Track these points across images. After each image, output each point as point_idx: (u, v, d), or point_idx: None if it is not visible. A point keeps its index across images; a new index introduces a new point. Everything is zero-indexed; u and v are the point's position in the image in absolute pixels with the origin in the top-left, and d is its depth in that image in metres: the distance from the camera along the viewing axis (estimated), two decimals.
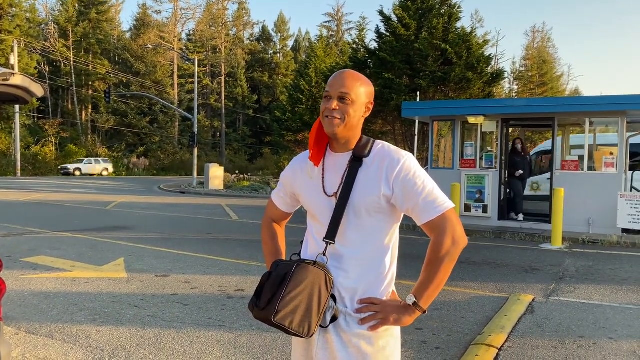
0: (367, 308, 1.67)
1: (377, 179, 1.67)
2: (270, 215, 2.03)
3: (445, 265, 1.66)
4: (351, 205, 1.68)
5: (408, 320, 1.67)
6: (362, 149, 1.72)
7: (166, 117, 54.42)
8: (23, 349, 3.93)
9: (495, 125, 11.68)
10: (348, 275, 1.70)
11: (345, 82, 1.68)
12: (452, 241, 1.65)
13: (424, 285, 1.66)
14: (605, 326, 4.70)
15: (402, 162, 1.67)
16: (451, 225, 1.65)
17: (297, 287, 1.62)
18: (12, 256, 7.49)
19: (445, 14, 24.06)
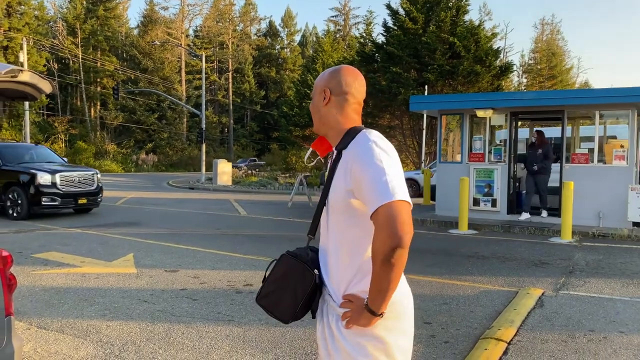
0: (345, 304, 1.64)
1: (343, 172, 1.60)
2: None
3: (382, 270, 1.45)
4: (329, 201, 1.67)
5: (362, 321, 1.58)
6: (344, 141, 1.66)
7: (174, 113, 54.57)
8: (34, 343, 3.97)
9: (504, 119, 11.60)
10: (332, 271, 1.70)
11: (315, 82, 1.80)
12: (386, 240, 1.42)
13: (370, 288, 1.53)
14: (616, 320, 4.67)
15: (361, 149, 1.55)
16: (389, 220, 1.42)
17: (277, 277, 1.74)
18: (24, 252, 7.56)
19: (453, 6, 23.89)
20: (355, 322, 1.60)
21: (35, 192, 11.39)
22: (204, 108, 31.38)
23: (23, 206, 11.47)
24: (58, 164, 12.97)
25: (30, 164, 12.38)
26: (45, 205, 11.52)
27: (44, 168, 11.92)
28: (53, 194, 11.59)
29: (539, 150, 10.89)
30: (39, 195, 11.42)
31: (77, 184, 12.20)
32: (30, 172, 11.62)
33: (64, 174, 11.93)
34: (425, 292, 5.54)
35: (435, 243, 7.90)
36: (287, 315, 1.74)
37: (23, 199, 11.47)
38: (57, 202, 11.67)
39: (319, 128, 1.79)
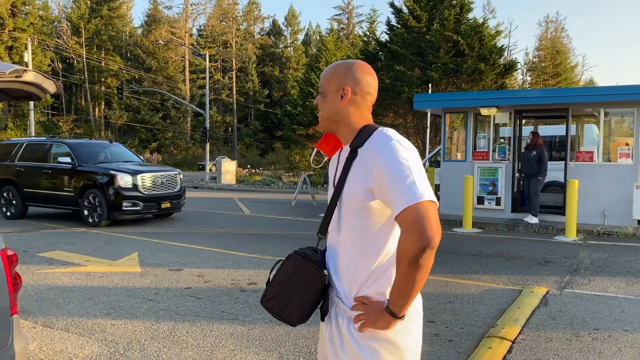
0: (358, 306, 1.59)
1: (362, 171, 1.56)
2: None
3: (409, 271, 1.42)
4: (342, 200, 1.62)
5: (382, 324, 1.54)
6: (359, 139, 1.63)
7: (178, 112, 54.69)
8: (40, 342, 3.99)
9: (508, 117, 11.57)
10: (343, 272, 1.64)
11: (321, 77, 1.71)
12: (412, 241, 1.40)
13: (394, 289, 1.50)
14: (621, 318, 4.65)
15: (383, 148, 1.52)
16: (418, 221, 1.39)
17: (285, 278, 1.69)
18: (29, 251, 7.59)
19: (457, 5, 23.82)
20: (372, 324, 1.55)
21: (115, 195, 10.19)
22: (208, 107, 31.42)
23: (102, 212, 10.30)
24: (137, 163, 11.82)
25: (108, 164, 11.12)
26: (126, 211, 10.33)
27: (124, 168, 10.66)
28: (135, 197, 10.38)
29: (533, 152, 10.56)
30: (119, 199, 10.22)
31: (160, 186, 10.99)
32: (109, 173, 10.37)
33: (145, 175, 10.71)
34: (429, 291, 5.53)
35: (440, 241, 7.89)
36: (295, 318, 1.68)
37: (102, 204, 10.27)
38: (139, 206, 10.44)
39: (329, 125, 1.70)
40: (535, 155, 10.50)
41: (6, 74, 2.23)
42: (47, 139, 11.99)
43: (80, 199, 10.56)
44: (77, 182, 10.65)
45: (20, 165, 11.59)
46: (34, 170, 11.34)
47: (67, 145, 11.22)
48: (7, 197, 11.65)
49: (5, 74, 2.23)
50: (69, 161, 10.78)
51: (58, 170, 10.97)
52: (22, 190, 11.44)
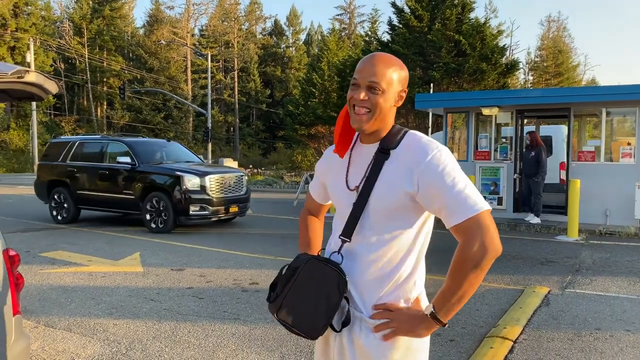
0: (380, 314, 1.52)
1: (402, 174, 1.50)
2: (307, 206, 1.96)
3: (471, 276, 1.42)
4: (371, 202, 1.53)
5: (423, 332, 1.49)
6: (391, 139, 1.56)
7: (180, 112, 54.73)
8: (42, 341, 4.01)
9: (509, 117, 11.56)
10: (363, 278, 1.55)
11: (376, 70, 1.50)
12: (479, 247, 1.41)
13: (444, 295, 1.46)
14: (623, 318, 4.65)
15: (432, 155, 1.47)
16: (482, 229, 1.42)
17: (303, 285, 1.54)
18: (31, 251, 7.61)
19: (459, 4, 23.80)
20: (408, 332, 1.49)
21: (182, 199, 9.34)
22: (210, 107, 31.46)
23: (168, 217, 9.45)
24: (197, 163, 10.97)
25: (171, 164, 10.24)
26: (194, 215, 9.48)
27: (190, 169, 9.81)
28: (203, 200, 9.51)
29: (532, 153, 10.42)
30: (186, 203, 9.36)
31: (227, 188, 10.07)
32: (174, 174, 9.48)
33: (213, 177, 9.80)
34: (430, 291, 5.51)
35: (441, 241, 7.88)
36: (318, 330, 1.53)
37: (168, 208, 9.42)
38: (207, 211, 9.56)
39: (378, 125, 1.56)
40: (534, 156, 10.40)
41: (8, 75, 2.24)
42: (102, 137, 11.15)
43: (141, 203, 9.72)
44: (139, 184, 9.78)
45: (73, 166, 10.75)
46: (88, 171, 10.55)
47: (126, 144, 10.38)
48: (58, 199, 10.87)
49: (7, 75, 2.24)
50: (129, 161, 9.90)
51: (116, 171, 10.13)
52: (74, 193, 10.63)
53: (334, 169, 1.70)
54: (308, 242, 1.88)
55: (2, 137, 41.80)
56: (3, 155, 40.79)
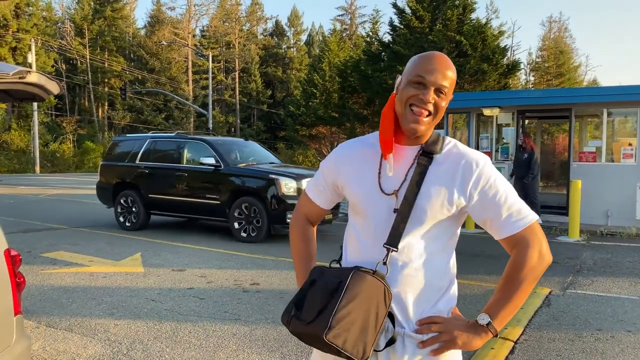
0: (429, 328, 1.44)
1: (449, 182, 1.44)
2: (304, 211, 1.75)
3: (527, 284, 1.42)
4: (416, 208, 1.44)
5: (479, 343, 1.42)
6: (434, 144, 1.49)
7: (181, 113, 54.77)
8: (43, 342, 4.01)
9: (511, 117, 11.56)
10: (406, 289, 1.46)
11: (447, 73, 1.43)
12: (538, 257, 1.42)
13: (500, 304, 1.42)
14: (624, 319, 4.64)
15: (482, 166, 1.45)
16: (537, 239, 1.43)
17: (353, 300, 1.35)
18: (32, 251, 7.62)
19: (460, 5, 23.80)
20: (464, 345, 1.42)
21: (277, 204, 8.37)
22: (211, 108, 31.48)
23: (261, 224, 8.50)
24: (282, 164, 10.07)
25: (261, 165, 9.32)
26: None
27: (283, 171, 8.85)
28: None
29: (525, 154, 10.31)
30: (282, 209, 8.34)
31: None
32: (268, 177, 8.53)
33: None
34: None
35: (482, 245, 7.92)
36: (368, 350, 1.37)
37: (262, 215, 8.46)
38: None
39: (428, 129, 1.48)
40: (527, 158, 10.26)
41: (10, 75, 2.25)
42: (178, 135, 10.05)
43: (228, 209, 8.73)
44: (225, 188, 8.81)
45: (144, 167, 9.75)
46: (163, 173, 9.54)
47: (208, 143, 9.37)
48: (125, 204, 9.92)
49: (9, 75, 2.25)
50: (214, 162, 8.93)
51: (198, 173, 9.14)
52: (146, 197, 9.65)
53: (357, 169, 1.55)
54: (310, 254, 1.72)
55: (3, 137, 41.84)
56: (4, 156, 40.83)
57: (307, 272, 1.63)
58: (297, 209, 1.77)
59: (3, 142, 41.86)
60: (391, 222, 1.45)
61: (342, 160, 1.59)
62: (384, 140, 1.48)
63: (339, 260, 1.61)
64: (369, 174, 1.51)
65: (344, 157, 1.59)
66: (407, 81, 1.44)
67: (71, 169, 43.19)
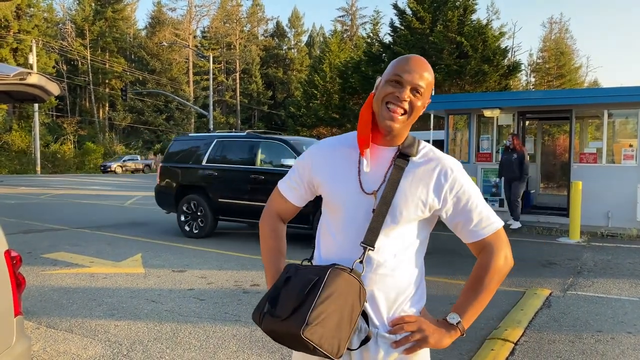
0: (402, 328, 1.47)
1: (425, 185, 1.48)
2: (276, 208, 1.74)
3: (493, 285, 1.50)
4: (392, 208, 1.46)
5: (448, 341, 1.47)
6: (410, 146, 1.52)
7: (182, 114, 54.84)
8: (44, 343, 4.01)
9: (511, 119, 11.56)
10: (380, 288, 1.48)
11: (423, 73, 1.46)
12: (504, 260, 1.52)
13: (469, 303, 1.49)
14: (624, 320, 4.64)
15: (457, 172, 1.50)
16: (503, 244, 1.53)
17: (329, 297, 1.35)
18: (33, 252, 7.62)
19: (460, 6, 23.84)
20: (435, 344, 1.46)
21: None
22: (212, 109, 31.48)
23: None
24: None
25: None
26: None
27: None
28: None
29: (514, 155, 10.17)
30: None
31: None
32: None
33: None
34: (431, 293, 5.53)
35: (442, 243, 7.89)
36: (342, 347, 1.38)
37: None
38: None
39: (402, 127, 1.50)
40: (517, 159, 10.13)
41: (10, 77, 2.25)
42: (250, 135, 9.19)
43: (312, 215, 8.01)
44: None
45: (213, 169, 9.02)
46: (235, 176, 8.80)
47: (286, 143, 8.64)
48: (189, 209, 9.19)
49: (9, 77, 2.25)
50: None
51: (277, 176, 7.94)
52: (214, 201, 8.91)
53: (336, 167, 1.56)
54: (280, 251, 1.72)
55: (4, 138, 41.90)
56: (5, 157, 40.89)
57: (277, 269, 1.64)
58: (269, 205, 1.76)
59: (4, 143, 41.91)
60: (368, 222, 1.47)
61: (319, 159, 1.60)
62: (361, 136, 1.50)
63: (310, 257, 1.64)
64: (348, 173, 1.53)
65: (322, 156, 1.61)
66: (385, 80, 1.48)
67: (72, 170, 43.23)
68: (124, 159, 43.29)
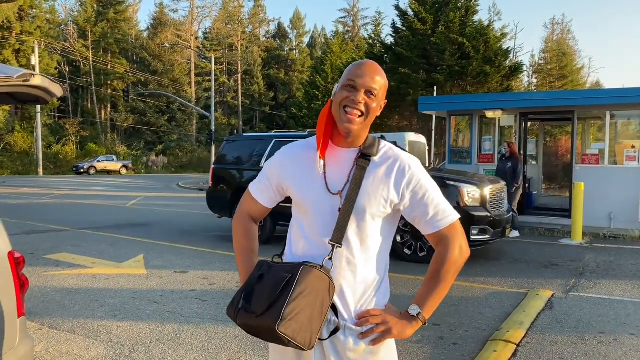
0: (367, 321, 1.57)
1: (386, 182, 1.57)
2: (247, 209, 1.82)
3: (451, 276, 1.59)
4: (357, 207, 1.56)
5: (411, 331, 1.58)
6: (370, 147, 1.61)
7: (184, 115, 54.88)
8: (46, 343, 4.02)
9: (513, 120, 11.55)
10: (348, 283, 1.58)
11: (376, 77, 1.56)
12: (460, 252, 1.60)
13: (428, 295, 1.58)
14: (627, 322, 4.63)
15: (414, 168, 1.60)
16: (458, 235, 1.61)
17: (302, 293, 1.45)
18: (35, 253, 7.64)
19: (462, 7, 23.83)
20: (399, 335, 1.56)
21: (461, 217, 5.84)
22: (214, 110, 31.51)
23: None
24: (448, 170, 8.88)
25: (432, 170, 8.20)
26: (475, 241, 7.04)
27: (461, 178, 7.49)
28: (485, 220, 7.08)
29: (508, 164, 9.91)
30: (467, 224, 6.83)
31: (499, 203, 7.57)
32: (446, 183, 7.16)
33: (493, 187, 7.45)
34: None
35: None
36: (314, 339, 1.49)
37: None
38: (488, 234, 7.11)
39: (360, 129, 1.59)
40: (510, 167, 9.88)
41: (14, 79, 2.26)
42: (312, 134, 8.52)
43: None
44: None
45: None
46: None
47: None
48: None
49: (12, 79, 2.26)
50: None
51: None
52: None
53: (303, 170, 1.64)
54: (253, 250, 1.82)
55: (6, 139, 41.98)
56: (7, 158, 40.97)
57: (250, 267, 1.75)
58: (241, 206, 1.84)
59: (6, 144, 41.99)
60: (335, 220, 1.57)
61: (287, 163, 1.70)
62: (318, 140, 1.59)
63: (281, 254, 1.74)
64: (315, 175, 1.61)
65: (289, 160, 1.70)
66: (341, 86, 1.58)
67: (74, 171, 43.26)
68: (98, 159, 42.25)
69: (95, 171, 40.54)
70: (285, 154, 1.72)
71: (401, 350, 3.90)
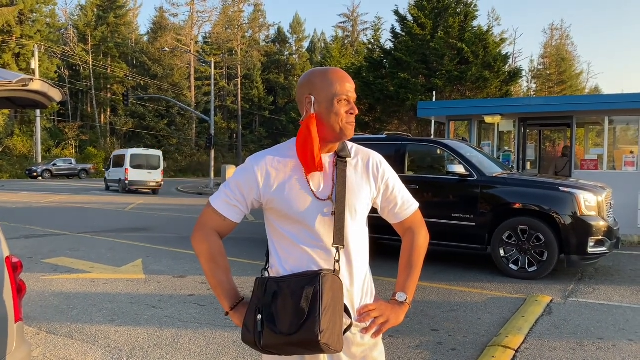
0: (368, 315, 1.65)
1: (365, 180, 1.68)
2: (213, 226, 1.74)
3: (421, 261, 1.76)
4: (348, 207, 1.62)
5: (402, 317, 1.70)
6: (344, 149, 1.70)
7: (183, 119, 54.90)
8: (44, 348, 4.01)
9: (512, 125, 11.57)
10: (352, 282, 1.65)
11: (351, 87, 1.63)
12: (424, 239, 1.78)
13: (408, 281, 1.73)
14: (625, 328, 4.63)
15: (384, 163, 1.74)
16: (422, 222, 1.80)
17: (329, 302, 1.49)
18: (34, 257, 7.63)
19: (462, 12, 23.91)
20: (395, 323, 1.68)
21: (576, 228, 6.32)
22: (213, 114, 31.53)
23: (549, 255, 6.37)
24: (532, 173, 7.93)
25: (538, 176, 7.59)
26: (592, 255, 6.36)
27: (575, 184, 6.85)
28: (603, 231, 6.40)
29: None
30: (582, 235, 6.28)
31: (610, 211, 7.05)
32: (559, 190, 6.49)
33: (607, 193, 6.93)
34: (432, 299, 5.52)
35: (443, 249, 7.89)
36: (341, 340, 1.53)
37: (549, 242, 6.35)
38: (605, 246, 6.43)
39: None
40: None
41: (13, 83, 2.26)
42: (391, 137, 7.92)
43: (488, 233, 6.72)
44: (485, 205, 6.75)
45: None
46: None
47: (447, 148, 7.37)
48: None
49: (12, 83, 2.26)
50: (463, 172, 6.85)
51: (436, 186, 7.22)
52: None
53: (286, 180, 1.61)
54: (229, 268, 1.80)
55: (6, 143, 41.97)
56: (7, 161, 40.94)
57: (232, 287, 1.75)
58: (205, 223, 1.75)
59: (6, 148, 41.96)
60: (331, 224, 1.60)
61: (267, 175, 1.62)
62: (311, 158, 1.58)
63: (266, 267, 1.73)
64: (301, 184, 1.61)
65: (267, 170, 1.63)
66: (337, 100, 1.59)
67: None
68: (55, 162, 39.78)
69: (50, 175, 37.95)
70: (263, 166, 1.63)
71: (400, 356, 3.89)
